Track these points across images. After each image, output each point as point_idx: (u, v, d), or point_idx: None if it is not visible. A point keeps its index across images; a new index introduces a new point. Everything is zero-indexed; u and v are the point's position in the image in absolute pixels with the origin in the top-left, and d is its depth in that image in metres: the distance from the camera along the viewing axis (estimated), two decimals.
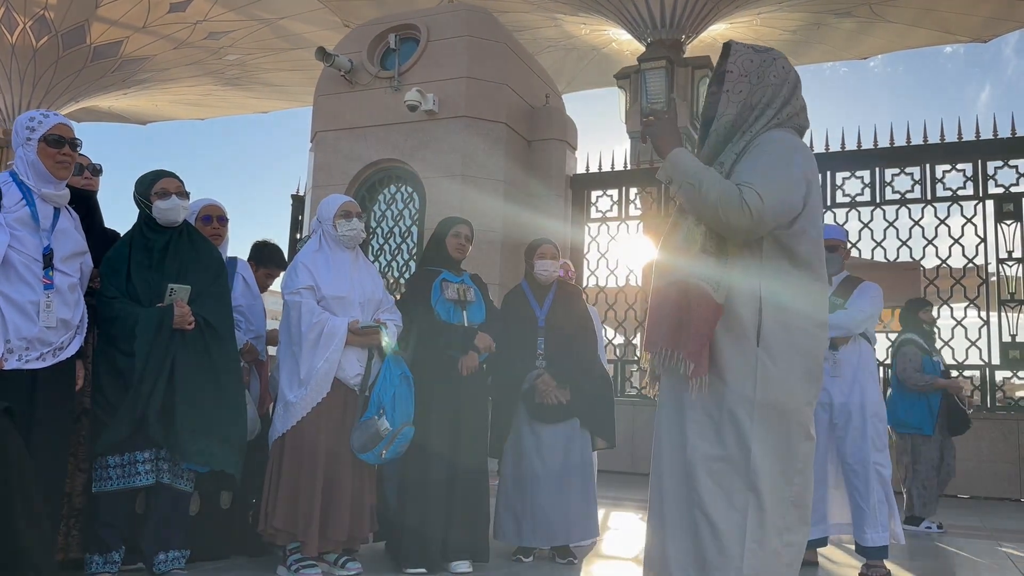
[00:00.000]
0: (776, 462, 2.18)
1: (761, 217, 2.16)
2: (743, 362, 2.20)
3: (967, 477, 7.27)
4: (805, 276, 2.26)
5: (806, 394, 2.23)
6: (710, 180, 2.21)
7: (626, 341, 9.67)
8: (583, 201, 9.17)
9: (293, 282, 3.76)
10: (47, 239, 3.16)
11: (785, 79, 2.35)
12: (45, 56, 14.11)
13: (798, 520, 2.22)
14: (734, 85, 2.34)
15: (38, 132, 3.19)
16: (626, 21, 12.04)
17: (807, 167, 2.27)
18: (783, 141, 2.28)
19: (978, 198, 7.80)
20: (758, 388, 2.18)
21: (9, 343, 3.03)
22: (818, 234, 2.31)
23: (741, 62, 2.35)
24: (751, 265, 2.24)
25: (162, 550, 3.39)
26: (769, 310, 2.20)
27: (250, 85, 16.64)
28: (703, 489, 2.20)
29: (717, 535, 2.16)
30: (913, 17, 13.12)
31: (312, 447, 3.61)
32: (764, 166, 2.22)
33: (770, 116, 2.33)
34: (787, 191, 2.20)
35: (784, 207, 2.20)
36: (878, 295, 4.22)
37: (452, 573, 3.78)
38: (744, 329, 2.21)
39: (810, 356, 2.23)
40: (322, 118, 8.91)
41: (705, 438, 2.24)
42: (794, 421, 2.20)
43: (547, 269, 4.32)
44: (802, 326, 2.22)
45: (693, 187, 2.22)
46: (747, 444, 2.17)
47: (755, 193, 2.15)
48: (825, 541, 4.24)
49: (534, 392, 4.14)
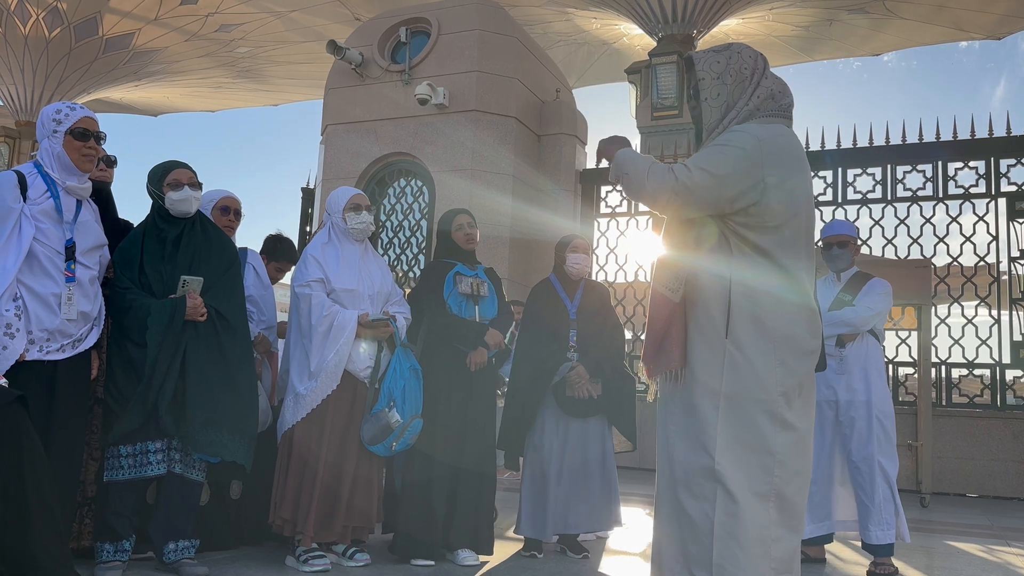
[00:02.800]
0: (746, 453, 2.18)
1: (687, 189, 2.20)
2: (711, 355, 2.24)
3: (977, 476, 7.25)
4: (778, 263, 2.24)
5: (779, 383, 2.20)
6: (643, 163, 2.30)
7: (634, 337, 9.68)
8: (593, 196, 9.16)
9: (303, 275, 3.78)
10: (70, 232, 3.19)
11: (753, 66, 2.34)
12: (57, 48, 14.15)
13: (786, 513, 2.20)
14: (711, 90, 2.34)
15: (64, 125, 3.21)
16: (637, 16, 11.99)
17: (769, 157, 2.22)
18: (745, 131, 2.26)
19: (990, 196, 7.75)
20: (724, 380, 2.21)
21: (31, 334, 3.06)
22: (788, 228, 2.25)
23: (709, 67, 2.34)
24: (720, 256, 2.26)
25: (172, 539, 3.40)
26: (738, 302, 2.22)
27: (261, 78, 16.65)
28: (679, 483, 2.25)
29: (693, 528, 2.21)
30: (926, 14, 13.02)
31: (322, 439, 3.63)
32: (712, 148, 2.26)
33: (741, 106, 2.32)
34: (725, 171, 2.20)
35: (720, 185, 2.20)
36: (887, 292, 4.19)
37: (459, 565, 3.80)
38: (713, 323, 2.24)
39: (786, 343, 2.21)
40: (332, 112, 8.92)
41: (679, 433, 2.28)
42: (765, 411, 2.19)
43: (579, 262, 4.31)
44: (777, 312, 2.21)
45: (627, 175, 2.32)
46: (713, 436, 2.20)
47: (684, 167, 2.21)
48: (831, 538, 4.23)
49: (565, 385, 4.13)
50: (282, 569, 3.60)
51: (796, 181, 2.27)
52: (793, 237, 2.27)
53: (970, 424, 7.41)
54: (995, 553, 4.74)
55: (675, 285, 2.28)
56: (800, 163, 2.31)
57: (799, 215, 2.28)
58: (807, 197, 2.32)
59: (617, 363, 4.27)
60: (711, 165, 2.22)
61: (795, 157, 2.30)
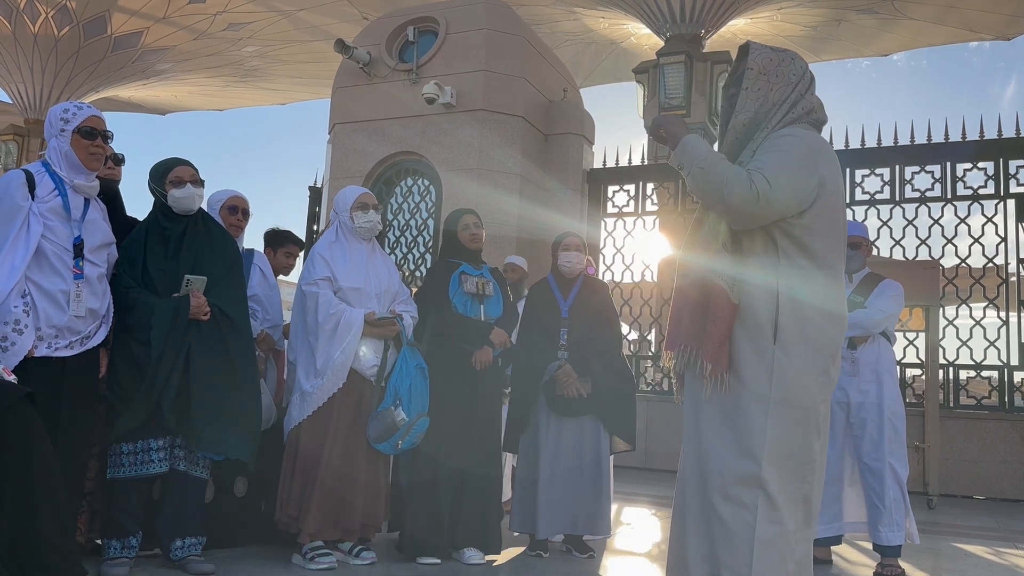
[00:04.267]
0: (789, 460, 2.18)
1: (768, 202, 2.16)
2: (759, 360, 2.20)
3: (984, 478, 7.22)
4: (821, 272, 2.25)
5: (821, 391, 2.22)
6: (720, 164, 2.22)
7: (640, 337, 9.66)
8: (599, 196, 9.15)
9: (311, 273, 3.80)
10: (78, 229, 3.21)
11: (801, 77, 2.37)
12: (66, 46, 14.21)
13: (808, 517, 2.22)
14: (753, 83, 2.34)
15: (72, 124, 3.23)
16: (645, 15, 11.98)
17: (822, 160, 2.26)
18: (798, 135, 2.28)
19: (999, 197, 7.71)
20: (774, 386, 2.18)
21: (40, 331, 3.08)
22: (835, 231, 2.29)
23: (760, 61, 2.35)
24: (768, 262, 2.24)
25: (178, 537, 3.41)
26: (786, 307, 2.20)
27: (269, 77, 16.69)
28: (715, 489, 2.21)
29: (728, 534, 2.17)
30: (935, 14, 12.98)
31: (328, 437, 3.64)
32: (776, 155, 2.23)
33: (785, 111, 2.33)
34: (796, 179, 2.20)
35: (792, 194, 2.19)
36: (899, 294, 4.17)
37: (465, 564, 3.80)
38: (761, 327, 2.21)
39: (824, 352, 2.22)
40: (340, 111, 8.93)
41: (718, 437, 2.24)
42: (810, 419, 2.20)
43: (571, 261, 4.30)
44: (818, 322, 2.22)
45: (703, 170, 2.23)
46: (762, 442, 2.17)
47: (763, 177, 2.16)
48: (839, 539, 4.22)
49: (554, 384, 4.13)
50: (288, 567, 3.61)
51: (837, 184, 2.30)
52: (836, 240, 2.28)
53: (978, 426, 7.37)
54: (1002, 555, 4.72)
55: (733, 284, 2.23)
56: (838, 166, 2.34)
57: (838, 220, 2.30)
58: (843, 202, 2.35)
59: (610, 362, 4.22)
60: (785, 175, 2.18)
61: (835, 160, 2.33)
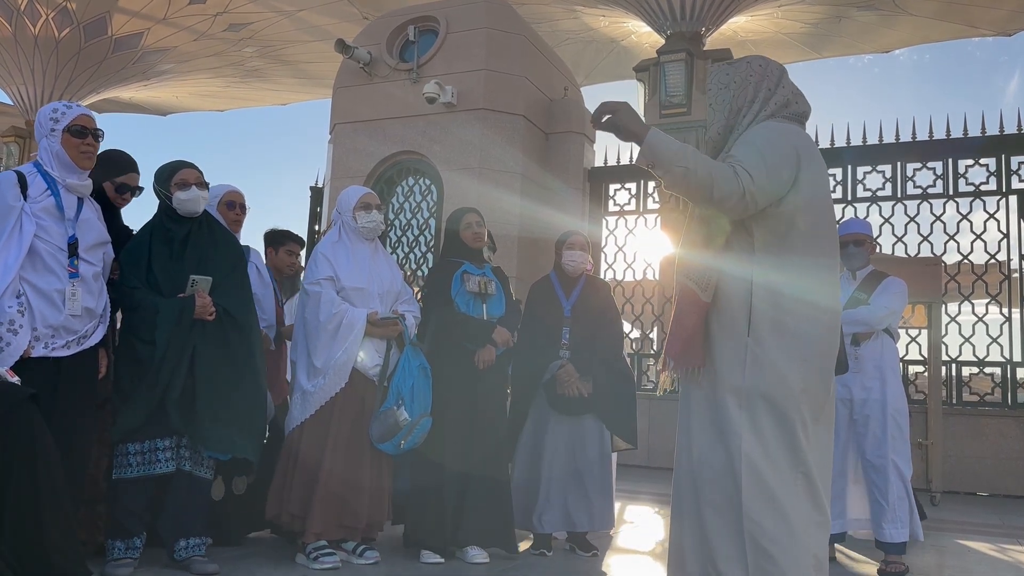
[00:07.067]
0: (772, 448, 2.19)
1: (754, 194, 2.19)
2: (733, 352, 2.25)
3: (987, 475, 7.21)
4: (802, 261, 2.26)
5: (803, 379, 2.21)
6: (703, 163, 2.21)
7: (643, 335, 9.65)
8: (601, 194, 9.14)
9: (314, 273, 3.81)
10: (72, 228, 3.21)
11: (764, 74, 2.41)
12: (67, 47, 14.21)
13: (811, 506, 2.21)
14: (716, 98, 2.45)
15: (62, 123, 3.24)
16: (646, 13, 11.97)
17: (798, 143, 2.29)
18: (769, 126, 2.33)
19: (1001, 193, 7.69)
20: (747, 376, 2.22)
21: (36, 331, 3.08)
22: (818, 219, 2.29)
23: (717, 78, 2.47)
24: (743, 255, 2.27)
25: (183, 537, 3.42)
26: (761, 298, 2.23)
27: (270, 77, 16.69)
28: (703, 480, 2.26)
29: (718, 526, 2.21)
30: (936, 10, 12.95)
31: (329, 437, 3.64)
32: (747, 147, 2.26)
33: (756, 110, 2.37)
34: (775, 166, 2.23)
35: (774, 181, 2.22)
36: (902, 291, 4.17)
37: (468, 563, 3.80)
38: (735, 319, 2.25)
39: (808, 340, 2.23)
40: (341, 110, 8.93)
41: (704, 431, 2.29)
42: (789, 407, 2.20)
43: (575, 259, 4.30)
44: (799, 311, 2.23)
45: (688, 171, 2.19)
46: (737, 432, 2.20)
47: (745, 171, 2.19)
48: (844, 537, 4.22)
49: (555, 383, 4.13)
50: (292, 566, 3.61)
51: (818, 174, 2.31)
52: (820, 229, 2.29)
53: (981, 422, 7.36)
54: (1006, 552, 4.72)
55: (706, 284, 2.28)
56: (819, 158, 2.36)
57: (822, 210, 2.31)
58: (827, 193, 2.37)
59: (612, 362, 4.22)
60: (765, 165, 2.21)
61: (814, 151, 2.35)
